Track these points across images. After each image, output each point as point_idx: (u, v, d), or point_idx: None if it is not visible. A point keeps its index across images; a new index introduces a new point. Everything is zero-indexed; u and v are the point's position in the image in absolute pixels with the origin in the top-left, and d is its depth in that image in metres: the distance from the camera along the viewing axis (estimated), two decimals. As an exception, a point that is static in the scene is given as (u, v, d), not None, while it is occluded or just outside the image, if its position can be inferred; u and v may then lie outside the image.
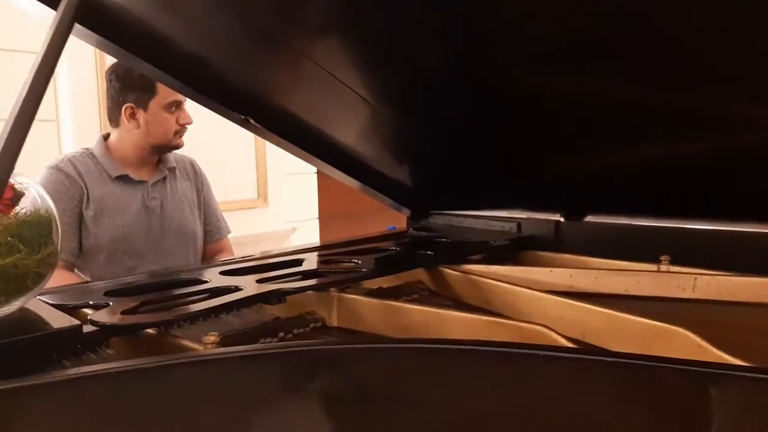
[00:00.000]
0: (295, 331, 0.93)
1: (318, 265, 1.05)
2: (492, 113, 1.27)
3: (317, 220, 2.89)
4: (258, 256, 1.21)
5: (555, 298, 0.92)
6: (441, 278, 1.15)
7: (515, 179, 1.47)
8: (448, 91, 1.23)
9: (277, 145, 1.41)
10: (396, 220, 1.87)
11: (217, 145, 2.25)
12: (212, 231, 1.73)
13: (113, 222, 1.49)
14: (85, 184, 1.48)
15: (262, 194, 2.48)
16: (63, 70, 1.96)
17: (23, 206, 0.74)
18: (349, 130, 1.47)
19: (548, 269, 1.15)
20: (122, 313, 0.71)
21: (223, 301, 0.77)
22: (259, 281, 0.90)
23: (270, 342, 0.90)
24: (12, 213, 0.69)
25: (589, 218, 1.47)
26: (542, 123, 1.27)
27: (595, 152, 1.30)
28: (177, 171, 1.66)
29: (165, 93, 1.51)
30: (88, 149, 1.56)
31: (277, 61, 1.23)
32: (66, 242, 1.44)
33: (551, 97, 1.15)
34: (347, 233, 3.17)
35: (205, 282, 0.92)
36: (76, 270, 1.51)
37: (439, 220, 1.71)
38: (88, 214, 1.47)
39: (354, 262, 1.08)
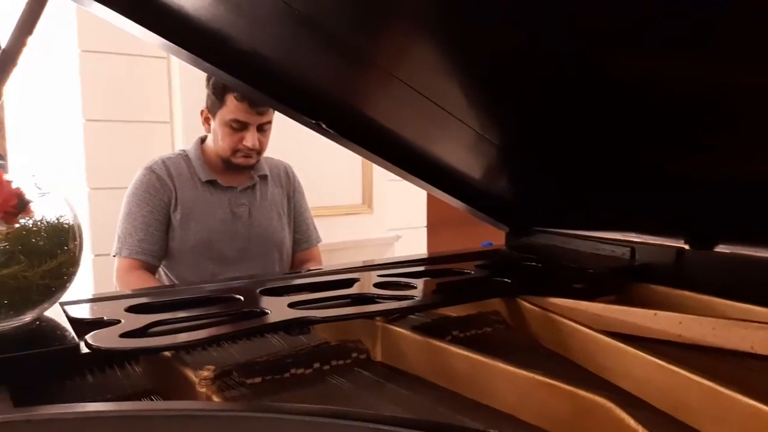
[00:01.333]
0: (333, 362, 0.83)
1: (369, 288, 0.93)
2: (605, 117, 1.08)
3: (424, 228, 2.78)
4: (317, 271, 1.13)
5: (644, 357, 0.72)
6: (519, 312, 0.98)
7: (632, 195, 1.26)
8: (553, 95, 1.07)
9: (359, 154, 1.32)
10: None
11: (322, 148, 2.21)
12: (301, 240, 1.68)
13: (199, 226, 1.49)
14: (175, 187, 1.49)
15: (367, 200, 2.41)
16: (176, 75, 2.04)
17: (42, 214, 0.71)
18: (435, 138, 1.35)
19: (652, 312, 0.94)
20: (122, 335, 0.65)
21: (229, 330, 0.69)
22: (292, 305, 0.81)
23: (302, 373, 0.81)
24: (18, 221, 0.65)
25: (721, 248, 1.21)
26: (667, 128, 1.06)
27: (733, 166, 1.06)
28: (269, 178, 1.63)
29: (231, 108, 1.46)
30: (184, 151, 1.58)
31: (357, 71, 1.14)
32: (148, 244, 1.46)
33: (677, 94, 0.94)
34: (456, 243, 3.03)
35: (237, 300, 0.84)
36: (164, 271, 1.53)
37: (542, 238, 1.52)
38: (176, 217, 1.49)
39: (411, 286, 0.95)
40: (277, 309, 0.79)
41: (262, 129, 1.50)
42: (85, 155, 1.96)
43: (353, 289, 0.92)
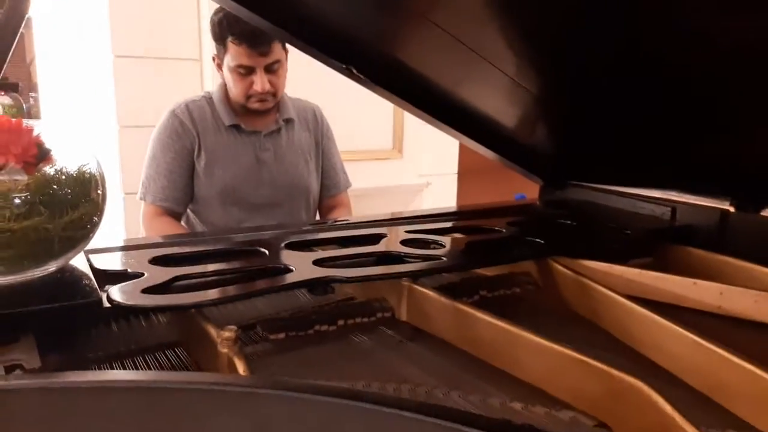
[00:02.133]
0: (358, 319, 0.82)
1: (396, 245, 0.91)
2: (650, 66, 1.01)
3: (455, 176, 2.72)
4: (342, 222, 1.10)
5: (681, 332, 0.69)
6: (550, 275, 0.95)
7: (676, 152, 1.19)
8: (595, 42, 1.00)
9: (390, 101, 1.27)
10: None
11: (352, 90, 2.15)
12: (329, 185, 1.65)
13: (223, 173, 1.46)
14: (198, 133, 1.46)
15: (398, 145, 2.36)
16: (206, 11, 1.98)
17: (63, 163, 0.69)
18: (469, 86, 1.28)
19: (691, 281, 0.90)
20: (144, 290, 0.64)
21: (256, 288, 0.67)
22: (317, 262, 0.79)
23: (325, 330, 0.80)
24: (38, 171, 0.64)
25: (768, 212, 1.14)
26: (715, 82, 0.99)
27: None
28: (296, 121, 1.58)
29: (233, 53, 1.40)
30: (209, 93, 1.54)
31: (390, 13, 1.08)
32: (172, 191, 1.45)
33: (728, 48, 0.87)
34: (487, 192, 2.97)
35: (262, 255, 0.83)
36: (193, 216, 1.52)
37: (578, 193, 1.46)
38: (200, 163, 1.46)
39: (439, 244, 0.92)
40: (301, 265, 0.77)
41: (271, 69, 1.43)
42: (115, 93, 1.94)
43: (380, 246, 0.90)
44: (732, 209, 1.17)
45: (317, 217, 1.66)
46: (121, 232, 2.01)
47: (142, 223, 1.48)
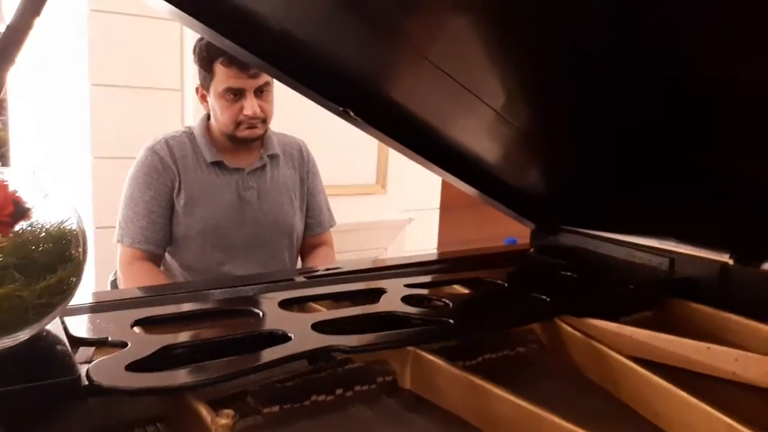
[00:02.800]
0: (357, 388, 0.76)
1: (397, 303, 0.85)
2: (649, 111, 1.00)
3: (437, 210, 2.69)
4: (335, 272, 1.04)
5: (709, 411, 0.64)
6: (557, 335, 0.90)
7: (674, 199, 1.17)
8: (592, 84, 0.98)
9: (382, 141, 1.22)
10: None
11: (336, 124, 2.11)
12: (313, 224, 1.59)
13: (204, 212, 1.39)
14: (179, 170, 1.39)
15: (381, 180, 2.32)
16: (189, 40, 1.93)
17: (41, 218, 0.62)
18: (463, 127, 1.25)
19: (705, 345, 0.86)
20: (128, 367, 0.57)
21: (256, 364, 0.61)
22: (316, 326, 0.73)
23: (323, 400, 0.73)
24: (11, 232, 0.57)
25: (770, 266, 1.12)
26: (718, 129, 0.97)
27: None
28: (281, 157, 1.52)
29: (221, 77, 1.34)
30: (189, 128, 1.47)
31: (387, 52, 1.04)
32: (151, 232, 1.37)
33: (729, 94, 0.86)
34: (468, 228, 2.96)
35: (255, 315, 0.76)
36: (169, 258, 1.45)
37: (570, 239, 1.44)
38: (179, 202, 1.39)
39: (444, 303, 0.87)
40: (300, 331, 0.71)
41: (261, 93, 1.38)
42: (90, 122, 1.86)
43: (381, 305, 0.84)
44: (731, 262, 1.15)
45: (299, 257, 1.60)
46: (90, 268, 1.91)
47: (119, 268, 1.39)
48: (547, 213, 1.46)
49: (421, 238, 2.65)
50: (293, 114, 1.54)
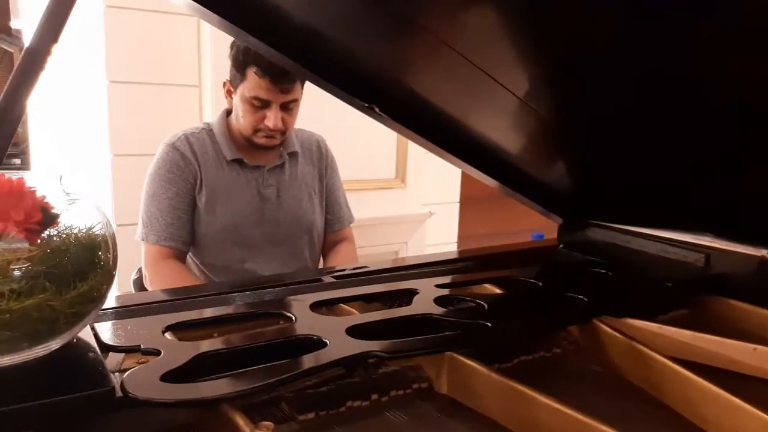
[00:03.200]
0: (393, 393, 0.74)
1: (431, 305, 0.83)
2: (683, 98, 0.96)
3: (457, 204, 2.66)
4: (363, 271, 1.02)
5: (762, 417, 0.62)
6: (595, 335, 0.88)
7: (708, 193, 1.13)
8: (625, 74, 0.94)
9: (407, 137, 1.20)
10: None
11: (354, 118, 2.08)
12: (332, 221, 1.57)
13: (225, 210, 1.38)
14: (200, 167, 1.38)
15: (401, 174, 2.29)
16: (206, 36, 1.91)
17: (69, 225, 0.60)
18: (490, 121, 1.22)
19: (751, 346, 0.83)
20: (163, 377, 0.56)
21: (294, 372, 0.59)
22: (351, 330, 0.71)
23: (358, 406, 0.71)
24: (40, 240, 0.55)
25: (813, 263, 1.08)
26: (752, 119, 0.93)
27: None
28: (299, 154, 1.50)
29: (251, 84, 1.31)
30: (208, 125, 1.45)
31: (410, 44, 1.01)
32: (176, 229, 1.36)
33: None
34: (488, 221, 2.92)
35: (287, 319, 0.74)
36: (189, 256, 1.44)
37: (600, 234, 1.40)
38: (201, 199, 1.37)
39: (478, 304, 0.84)
40: (335, 336, 0.69)
41: (287, 108, 1.36)
42: (108, 119, 1.85)
43: (414, 307, 0.82)
44: (770, 257, 1.11)
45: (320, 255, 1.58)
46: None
47: (145, 265, 1.38)
48: (574, 207, 1.42)
49: (441, 233, 2.63)
50: (310, 109, 1.52)
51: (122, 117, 1.87)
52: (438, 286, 0.92)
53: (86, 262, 0.60)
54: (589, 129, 1.19)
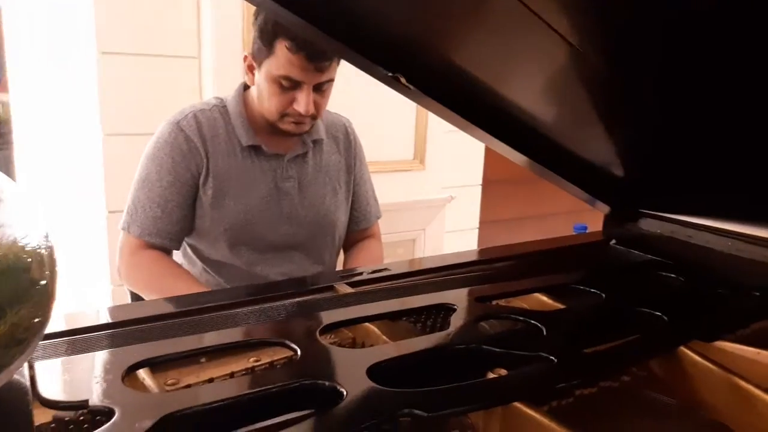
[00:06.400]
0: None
1: (474, 329, 0.65)
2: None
3: (479, 187, 2.47)
4: (383, 273, 0.85)
5: None
6: (675, 362, 0.70)
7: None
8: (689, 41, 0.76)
9: (435, 112, 1.01)
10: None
11: (368, 96, 1.90)
12: (359, 218, 1.38)
13: (236, 205, 1.18)
14: (207, 153, 1.17)
15: (419, 154, 2.10)
16: (206, 2, 1.72)
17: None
18: (529, 96, 1.03)
19: None
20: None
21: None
22: (373, 373, 0.54)
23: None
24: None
25: None
26: None
27: None
28: (325, 142, 1.29)
29: (281, 61, 1.09)
30: (222, 100, 1.24)
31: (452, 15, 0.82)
32: (165, 224, 1.16)
33: None
34: (512, 205, 2.73)
35: (291, 350, 0.57)
36: (191, 252, 1.26)
37: (654, 226, 1.21)
38: (206, 192, 1.17)
39: (533, 326, 0.67)
40: (353, 381, 0.51)
41: (320, 89, 1.15)
42: (99, 95, 1.68)
43: (454, 333, 0.64)
44: None
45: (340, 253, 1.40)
46: (104, 261, 1.75)
47: (120, 256, 1.18)
48: (624, 193, 1.23)
49: (461, 218, 2.44)
50: None
51: (115, 93, 1.70)
52: (478, 299, 0.74)
53: (13, 291, 0.43)
54: (644, 101, 1.00)
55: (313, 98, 1.12)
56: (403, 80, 0.87)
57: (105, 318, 0.66)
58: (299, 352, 0.56)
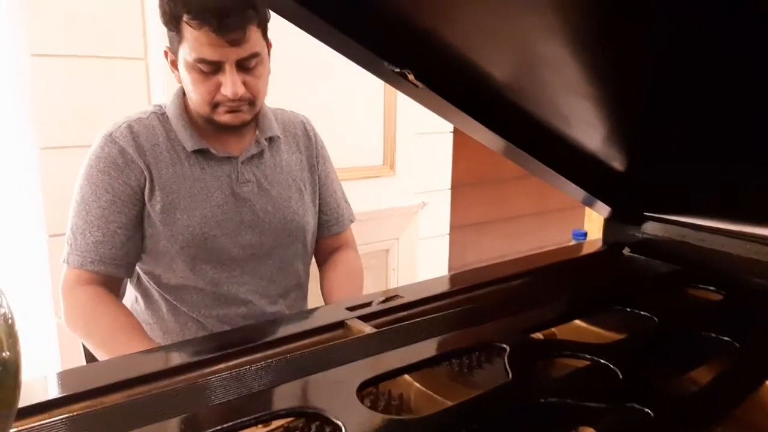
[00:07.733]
0: None
1: (536, 375, 0.54)
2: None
3: (449, 191, 2.38)
4: (395, 302, 0.73)
5: None
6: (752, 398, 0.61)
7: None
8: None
9: (441, 113, 0.90)
10: (563, 196, 1.27)
11: (334, 97, 1.77)
12: (330, 222, 1.25)
13: (189, 219, 1.03)
14: (148, 165, 1.03)
15: (389, 159, 1.98)
16: (151, 2, 1.54)
17: None
18: (534, 92, 0.94)
19: None
20: None
21: None
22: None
23: None
24: None
25: None
26: None
27: None
28: (281, 140, 1.16)
29: (191, 43, 0.95)
30: (161, 107, 1.09)
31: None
32: (108, 248, 1.01)
33: None
34: (481, 209, 2.66)
35: (331, 429, 0.44)
36: (145, 279, 1.09)
37: (661, 230, 1.14)
38: (154, 207, 1.03)
39: (602, 365, 0.56)
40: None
41: (246, 66, 1.00)
42: (32, 102, 1.48)
43: (516, 382, 0.53)
44: None
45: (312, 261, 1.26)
46: (47, 292, 1.54)
47: (60, 292, 1.02)
48: (627, 194, 1.16)
49: (432, 224, 2.34)
50: (278, 84, 1.19)
51: (51, 100, 1.50)
52: (525, 330, 0.63)
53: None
54: (649, 97, 0.92)
55: (243, 79, 0.98)
56: (411, 77, 0.75)
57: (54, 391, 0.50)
58: (344, 429, 0.43)
